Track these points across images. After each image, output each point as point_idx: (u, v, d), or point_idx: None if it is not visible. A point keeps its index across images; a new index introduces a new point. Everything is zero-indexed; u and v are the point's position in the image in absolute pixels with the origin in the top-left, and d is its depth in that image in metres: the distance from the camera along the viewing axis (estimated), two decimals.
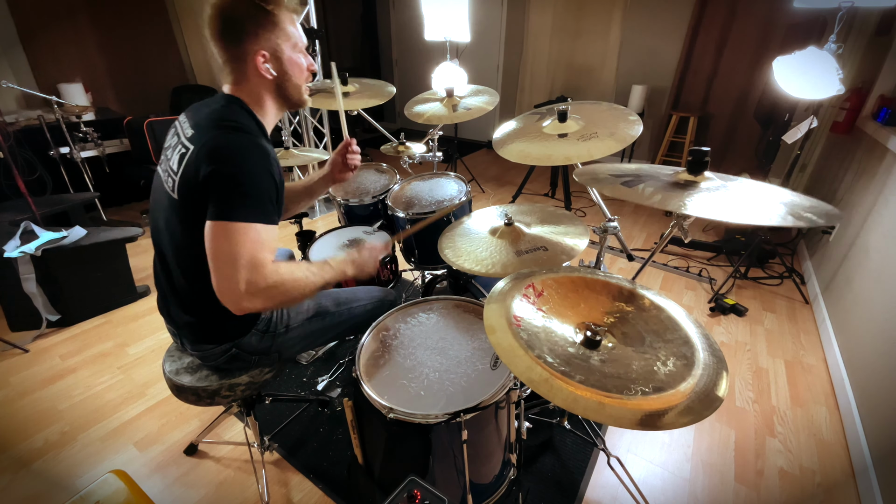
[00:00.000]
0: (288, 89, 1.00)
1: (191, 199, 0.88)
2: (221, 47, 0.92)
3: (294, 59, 0.97)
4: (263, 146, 0.90)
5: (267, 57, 0.93)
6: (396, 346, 1.10)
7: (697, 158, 0.89)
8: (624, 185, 0.93)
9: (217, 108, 0.93)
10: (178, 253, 0.98)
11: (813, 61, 1.62)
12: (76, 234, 2.16)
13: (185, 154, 0.89)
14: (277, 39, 0.93)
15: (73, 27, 3.59)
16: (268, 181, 0.88)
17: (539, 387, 0.71)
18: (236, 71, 0.94)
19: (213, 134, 0.87)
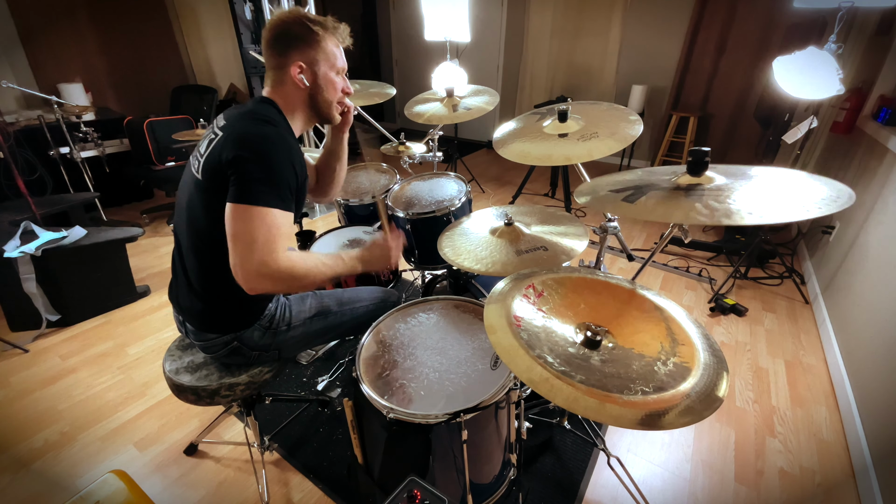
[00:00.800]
0: (318, 102, 1.09)
1: (213, 180, 0.93)
2: (269, 54, 1.04)
3: (329, 77, 1.07)
4: (288, 139, 0.98)
5: (303, 68, 1.03)
6: (396, 346, 1.10)
7: (697, 159, 0.89)
8: (626, 202, 0.92)
9: (251, 106, 1.03)
10: (195, 236, 1.02)
11: (813, 61, 1.62)
12: (76, 234, 2.16)
13: (213, 140, 0.97)
14: (317, 56, 1.04)
15: (73, 27, 3.59)
16: (288, 171, 0.94)
17: (539, 387, 0.71)
18: (276, 76, 1.05)
19: (243, 123, 0.96)
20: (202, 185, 0.97)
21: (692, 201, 0.83)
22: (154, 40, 4.12)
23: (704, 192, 0.86)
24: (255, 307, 1.12)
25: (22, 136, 2.79)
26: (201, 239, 1.01)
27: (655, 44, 4.08)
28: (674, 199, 0.86)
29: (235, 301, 1.07)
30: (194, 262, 1.04)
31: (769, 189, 0.84)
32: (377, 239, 1.17)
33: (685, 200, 0.85)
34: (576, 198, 1.03)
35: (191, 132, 2.73)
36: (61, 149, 2.96)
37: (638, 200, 0.90)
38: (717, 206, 0.80)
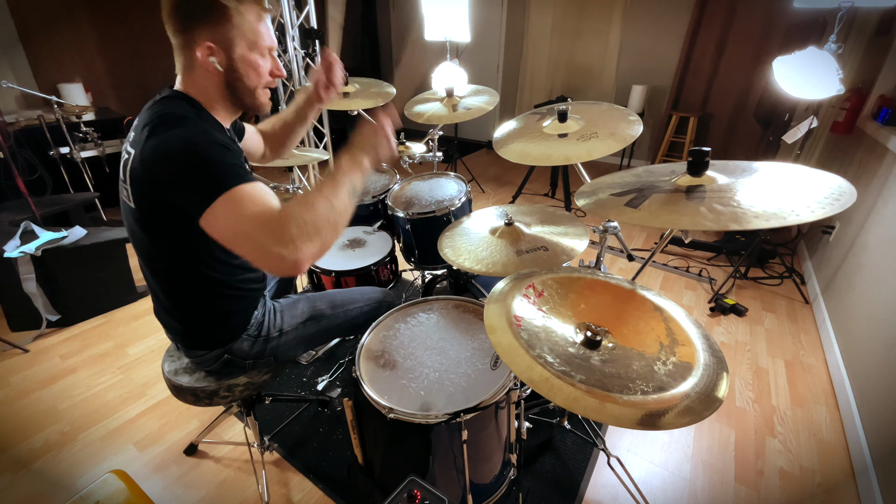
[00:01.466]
0: (238, 89, 0.92)
1: (148, 206, 0.85)
2: (171, 30, 0.86)
3: (249, 58, 0.90)
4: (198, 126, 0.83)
5: (214, 49, 0.86)
6: (396, 346, 1.10)
7: (698, 159, 0.88)
8: (629, 206, 0.88)
9: (157, 104, 0.88)
10: (149, 262, 0.96)
11: (813, 61, 1.62)
12: (76, 234, 2.16)
13: (127, 160, 0.86)
14: (230, 34, 0.86)
15: (73, 27, 3.59)
16: (220, 151, 0.80)
17: (539, 386, 0.71)
18: (183, 58, 0.88)
19: (148, 135, 0.81)
20: (137, 213, 0.87)
21: (697, 205, 0.81)
22: (154, 40, 4.11)
23: (706, 193, 0.84)
24: (237, 319, 1.06)
25: (22, 136, 2.79)
26: (156, 270, 0.96)
27: (655, 44, 4.08)
28: (678, 203, 0.84)
29: (215, 319, 1.03)
30: (159, 290, 0.99)
31: (771, 187, 0.82)
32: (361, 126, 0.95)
33: (689, 204, 0.82)
34: (576, 200, 1.01)
35: None
36: (61, 149, 2.96)
37: (642, 205, 0.87)
38: (722, 209, 0.78)
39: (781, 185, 0.83)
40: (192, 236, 0.84)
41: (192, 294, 0.97)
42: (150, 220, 0.87)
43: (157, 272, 0.97)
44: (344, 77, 1.26)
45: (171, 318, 1.04)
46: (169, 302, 1.01)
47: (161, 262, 0.94)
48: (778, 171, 0.88)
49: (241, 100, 0.94)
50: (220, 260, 0.97)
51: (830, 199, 0.74)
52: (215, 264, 0.96)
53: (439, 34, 2.72)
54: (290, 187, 1.94)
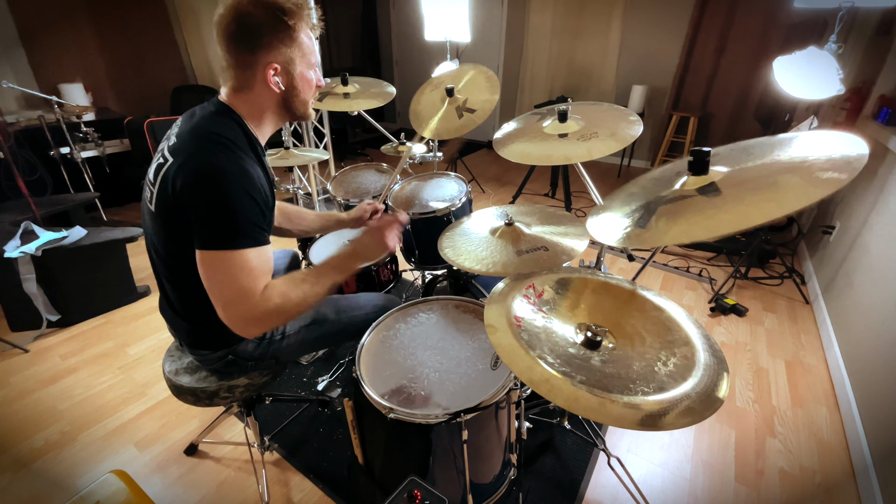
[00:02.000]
0: (294, 104, 0.96)
1: (168, 215, 0.87)
2: (231, 51, 0.87)
3: (305, 74, 0.94)
4: (244, 166, 0.85)
5: (278, 70, 0.89)
6: (396, 347, 1.10)
7: (699, 159, 0.87)
8: (638, 227, 0.83)
9: (207, 117, 0.89)
10: (163, 265, 0.97)
11: (813, 61, 1.61)
12: (76, 234, 2.16)
13: (162, 166, 0.86)
14: (292, 54, 0.89)
15: (73, 27, 3.59)
16: (249, 204, 0.83)
17: (539, 387, 0.71)
18: (241, 77, 0.89)
19: (193, 152, 0.83)
20: (157, 217, 0.89)
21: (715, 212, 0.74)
22: (154, 40, 4.12)
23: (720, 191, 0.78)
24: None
25: (22, 136, 2.79)
26: (169, 268, 0.96)
27: (655, 44, 4.08)
28: (691, 211, 0.78)
29: (220, 320, 1.03)
30: (170, 288, 1.00)
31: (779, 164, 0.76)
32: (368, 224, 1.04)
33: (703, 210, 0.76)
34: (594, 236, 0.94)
35: None
36: (61, 149, 2.96)
37: (649, 222, 0.82)
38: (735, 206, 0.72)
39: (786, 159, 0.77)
40: None
41: (202, 296, 0.96)
42: (167, 226, 0.89)
43: (172, 272, 0.97)
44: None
45: (178, 316, 1.04)
46: (179, 301, 1.01)
47: (177, 264, 0.94)
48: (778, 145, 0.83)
49: (294, 112, 0.98)
50: None
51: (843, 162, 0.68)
52: None
53: (439, 34, 2.72)
54: (291, 187, 1.93)
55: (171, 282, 0.99)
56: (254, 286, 0.83)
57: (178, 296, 1.01)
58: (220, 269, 0.82)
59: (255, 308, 0.83)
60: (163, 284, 1.03)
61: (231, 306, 0.83)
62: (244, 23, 0.84)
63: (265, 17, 0.84)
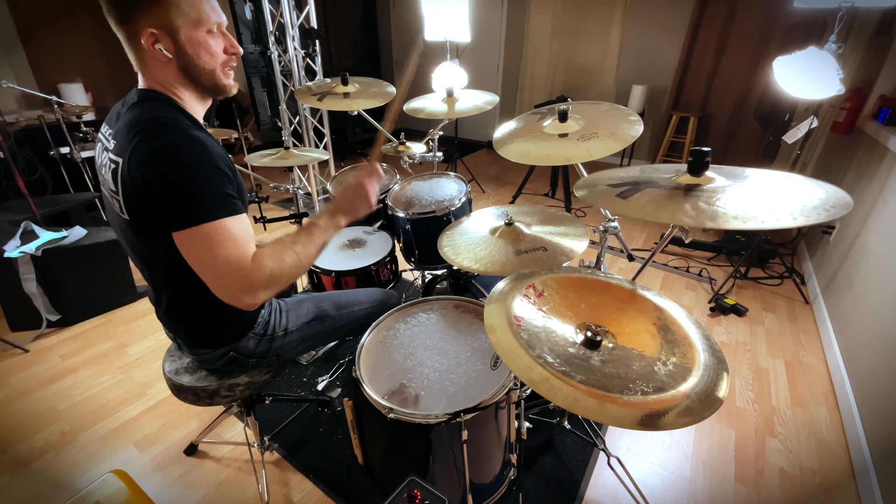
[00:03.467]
0: (195, 73, 0.87)
1: (140, 215, 0.83)
2: (113, 23, 0.81)
3: (197, 38, 0.84)
4: (196, 136, 0.80)
5: (157, 35, 0.80)
6: (396, 346, 1.10)
7: (698, 159, 0.88)
8: (619, 197, 0.88)
9: (133, 108, 0.84)
10: (148, 267, 0.95)
11: (813, 61, 1.62)
12: (76, 234, 2.16)
13: (116, 170, 0.82)
14: (169, 15, 0.80)
15: (73, 27, 3.59)
16: (212, 172, 0.80)
17: (539, 387, 0.71)
18: (134, 52, 0.84)
19: (136, 140, 0.78)
20: (132, 223, 0.85)
21: (683, 203, 0.81)
22: None
23: (702, 193, 0.83)
24: (245, 318, 1.07)
25: (22, 136, 2.79)
26: (156, 271, 0.94)
27: (655, 44, 4.08)
28: (668, 199, 0.83)
29: (223, 318, 1.03)
30: (161, 292, 0.99)
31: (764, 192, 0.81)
32: (348, 180, 0.99)
33: (678, 201, 0.82)
34: (574, 191, 1.01)
35: None
36: (61, 149, 2.96)
37: (631, 197, 0.87)
38: (705, 207, 0.77)
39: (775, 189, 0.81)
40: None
41: (196, 297, 0.96)
42: (144, 226, 0.85)
43: (158, 277, 0.96)
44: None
45: (175, 320, 1.03)
46: (174, 304, 1.00)
47: (161, 268, 0.93)
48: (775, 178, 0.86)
49: (201, 83, 0.89)
50: None
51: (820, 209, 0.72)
52: None
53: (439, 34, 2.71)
54: (290, 187, 1.93)
55: (163, 285, 0.97)
56: (241, 254, 0.80)
57: (172, 299, 0.99)
58: (202, 244, 0.78)
59: (249, 276, 0.80)
60: (157, 290, 1.01)
61: (223, 279, 0.80)
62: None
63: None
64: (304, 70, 3.31)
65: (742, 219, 0.73)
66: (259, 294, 0.82)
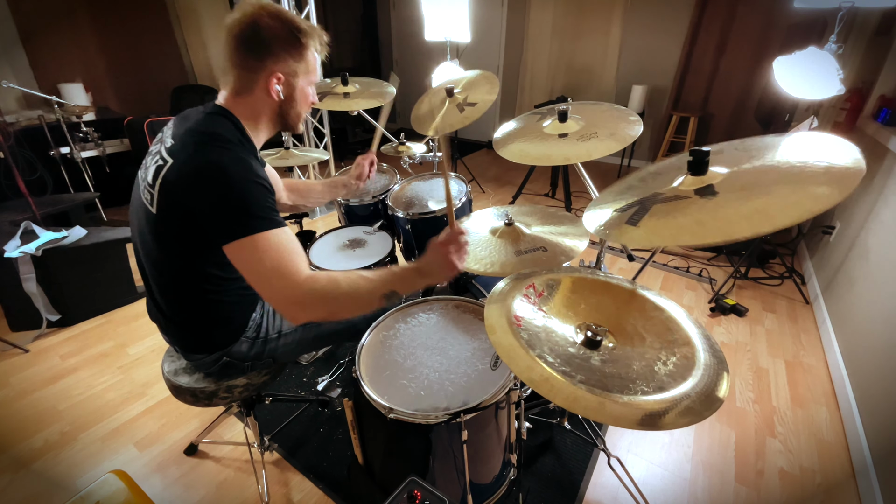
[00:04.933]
0: (289, 115, 1.00)
1: (170, 216, 0.87)
2: (239, 54, 0.90)
3: (305, 89, 0.99)
4: (243, 157, 0.87)
5: (281, 80, 0.93)
6: (396, 346, 1.10)
7: (698, 159, 0.87)
8: (630, 225, 0.83)
9: (203, 118, 0.91)
10: (154, 266, 0.97)
11: (813, 61, 1.61)
12: (76, 234, 2.16)
13: (161, 167, 0.86)
14: (297, 68, 0.94)
15: (73, 27, 3.59)
16: (257, 189, 0.86)
17: (539, 386, 0.71)
18: (244, 80, 0.92)
19: (192, 152, 0.85)
20: (155, 219, 0.89)
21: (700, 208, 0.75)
22: (154, 40, 4.11)
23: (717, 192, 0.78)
24: (236, 322, 1.08)
25: (22, 136, 2.79)
26: (159, 270, 0.96)
27: (655, 44, 4.08)
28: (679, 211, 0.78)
29: (213, 323, 1.03)
30: (159, 291, 1.00)
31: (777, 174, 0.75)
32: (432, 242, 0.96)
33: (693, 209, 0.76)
34: (587, 226, 0.95)
35: None
36: (61, 149, 2.96)
37: (641, 221, 0.82)
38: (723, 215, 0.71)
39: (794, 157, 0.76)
40: (206, 250, 0.89)
41: (193, 300, 0.98)
42: (168, 229, 0.89)
43: (161, 278, 0.97)
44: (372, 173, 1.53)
45: (168, 321, 1.04)
46: (169, 306, 1.01)
47: (167, 269, 0.95)
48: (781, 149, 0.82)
49: (286, 122, 1.01)
50: (226, 270, 0.96)
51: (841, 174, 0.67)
52: (220, 273, 0.97)
53: (439, 34, 2.71)
54: None
55: (161, 286, 0.99)
56: (288, 265, 0.84)
57: (168, 301, 1.00)
58: (250, 255, 0.83)
59: (297, 288, 0.83)
60: (151, 290, 1.03)
61: (271, 287, 0.84)
62: (259, 31, 0.88)
63: (280, 30, 0.89)
64: None
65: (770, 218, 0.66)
66: (304, 308, 0.85)
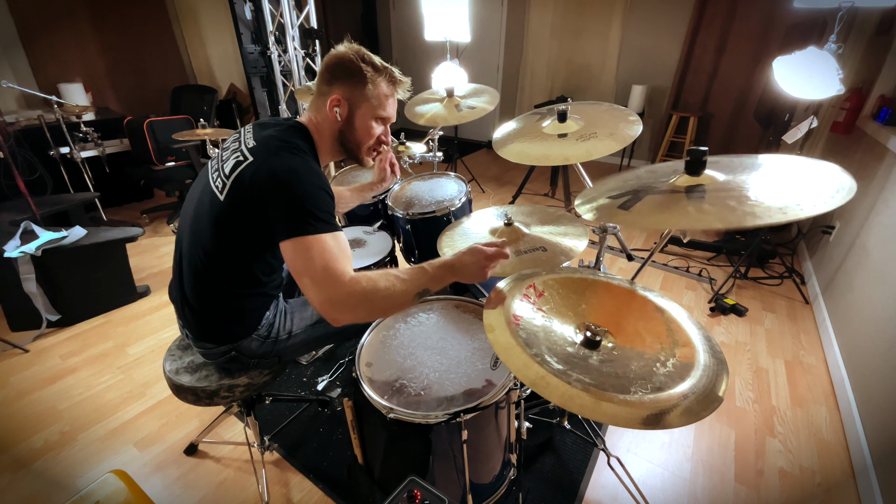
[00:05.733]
0: (348, 140, 1.07)
1: (238, 207, 0.94)
2: (321, 81, 1.05)
3: (365, 120, 1.06)
4: (314, 166, 0.97)
5: (340, 102, 1.02)
6: (396, 346, 1.10)
7: (695, 158, 0.87)
8: (622, 209, 0.88)
9: (283, 128, 1.01)
10: (196, 251, 1.01)
11: (813, 61, 1.61)
12: (76, 234, 2.16)
13: (241, 162, 0.95)
14: (358, 96, 1.03)
15: (73, 27, 3.59)
16: (324, 196, 0.94)
17: (536, 384, 0.71)
18: (317, 102, 1.05)
19: (273, 155, 0.94)
20: (221, 206, 0.95)
21: (689, 205, 0.80)
22: (154, 40, 4.12)
23: (706, 192, 0.82)
24: (250, 318, 1.11)
25: (22, 136, 2.79)
26: (200, 256, 1.01)
27: (655, 44, 4.08)
28: (672, 204, 0.82)
29: (230, 314, 1.08)
30: (191, 275, 1.04)
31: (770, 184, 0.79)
32: (475, 244, 1.00)
33: (684, 204, 0.81)
34: (577, 207, 1.00)
35: (191, 132, 2.72)
36: (61, 149, 2.96)
37: (633, 207, 0.86)
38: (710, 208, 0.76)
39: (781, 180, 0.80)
40: (260, 245, 0.98)
41: (221, 291, 1.04)
42: (230, 218, 0.95)
43: (200, 264, 1.01)
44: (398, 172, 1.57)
45: (188, 307, 1.07)
46: (196, 292, 1.05)
47: (212, 256, 1.00)
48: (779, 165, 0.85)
49: (347, 148, 1.10)
50: (266, 270, 1.07)
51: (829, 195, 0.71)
52: (260, 272, 1.05)
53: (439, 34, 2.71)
54: None
55: (196, 272, 1.03)
56: (339, 267, 0.88)
57: (197, 287, 1.05)
58: (306, 253, 0.88)
59: (342, 289, 0.87)
60: (182, 274, 1.07)
61: (320, 288, 0.87)
62: (340, 63, 1.01)
63: (352, 65, 1.01)
64: (303, 70, 3.31)
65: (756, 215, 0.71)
66: (347, 311, 0.88)
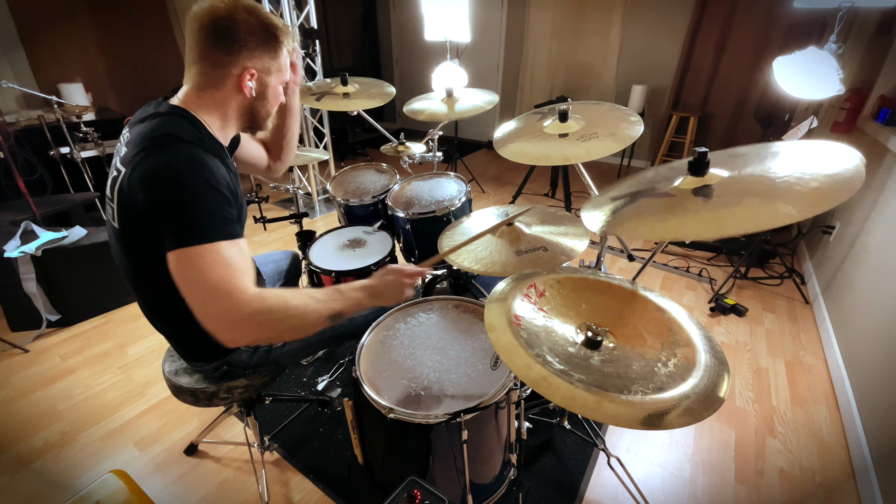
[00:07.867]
0: (259, 112, 0.97)
1: (132, 230, 0.82)
2: (208, 47, 0.84)
3: (275, 88, 0.96)
4: (198, 157, 0.80)
5: (255, 76, 0.89)
6: (396, 346, 1.10)
7: (698, 160, 0.87)
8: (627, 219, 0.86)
9: (156, 120, 0.84)
10: (131, 282, 0.93)
11: (813, 61, 1.61)
12: (76, 234, 2.16)
13: (116, 178, 0.82)
14: (271, 66, 0.91)
15: (73, 27, 3.59)
16: (212, 194, 0.78)
17: (537, 385, 0.71)
18: (210, 75, 0.87)
19: (141, 156, 0.78)
20: (120, 234, 0.85)
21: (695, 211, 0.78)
22: (154, 40, 4.11)
23: (714, 192, 0.80)
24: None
25: (22, 136, 2.78)
26: (136, 285, 0.93)
27: (655, 44, 4.08)
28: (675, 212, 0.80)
29: (202, 334, 0.93)
30: (144, 306, 0.97)
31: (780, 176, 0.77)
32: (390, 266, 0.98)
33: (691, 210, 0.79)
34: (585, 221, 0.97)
35: None
36: (61, 149, 2.96)
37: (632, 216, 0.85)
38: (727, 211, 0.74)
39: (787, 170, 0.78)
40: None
41: (177, 313, 0.88)
42: (131, 242, 0.85)
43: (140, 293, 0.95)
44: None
45: (164, 334, 1.03)
46: (156, 320, 1.00)
47: (143, 284, 0.92)
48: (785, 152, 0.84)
49: (255, 120, 0.98)
50: None
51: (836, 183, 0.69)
52: None
53: (439, 34, 2.71)
54: (290, 187, 1.93)
55: (144, 301, 0.96)
56: (233, 282, 0.75)
57: (154, 315, 0.98)
58: (191, 266, 0.74)
59: (239, 307, 0.74)
60: (140, 306, 0.99)
61: (208, 307, 0.74)
62: (234, 25, 0.83)
63: (257, 26, 0.86)
64: (303, 70, 3.31)
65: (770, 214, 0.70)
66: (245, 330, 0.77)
